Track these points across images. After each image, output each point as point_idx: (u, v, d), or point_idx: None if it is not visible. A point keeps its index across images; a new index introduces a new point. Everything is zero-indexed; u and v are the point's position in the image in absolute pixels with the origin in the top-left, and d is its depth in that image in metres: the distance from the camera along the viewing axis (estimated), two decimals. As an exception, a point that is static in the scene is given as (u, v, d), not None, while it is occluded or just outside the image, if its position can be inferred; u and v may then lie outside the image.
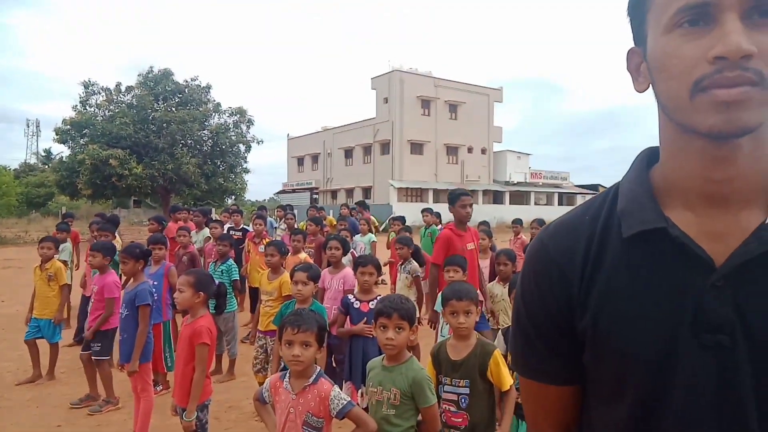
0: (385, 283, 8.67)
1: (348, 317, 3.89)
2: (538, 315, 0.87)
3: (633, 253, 0.78)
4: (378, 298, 3.75)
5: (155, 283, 4.85)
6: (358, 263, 4.00)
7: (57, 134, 23.06)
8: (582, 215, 0.87)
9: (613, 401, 0.80)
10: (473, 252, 4.69)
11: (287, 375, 2.40)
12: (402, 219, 8.82)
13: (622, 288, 0.78)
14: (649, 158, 0.85)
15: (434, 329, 4.51)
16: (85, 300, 6.41)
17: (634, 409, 0.77)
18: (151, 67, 24.70)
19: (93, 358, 4.60)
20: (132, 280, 4.24)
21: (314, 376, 2.35)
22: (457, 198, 4.57)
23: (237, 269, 5.93)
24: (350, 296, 3.94)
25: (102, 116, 23.51)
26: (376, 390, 2.50)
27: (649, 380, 0.75)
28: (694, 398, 0.73)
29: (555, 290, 0.84)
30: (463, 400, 2.63)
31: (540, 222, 6.86)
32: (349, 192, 43.04)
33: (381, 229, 12.07)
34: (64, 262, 6.84)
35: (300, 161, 49.80)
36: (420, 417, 2.48)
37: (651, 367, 0.75)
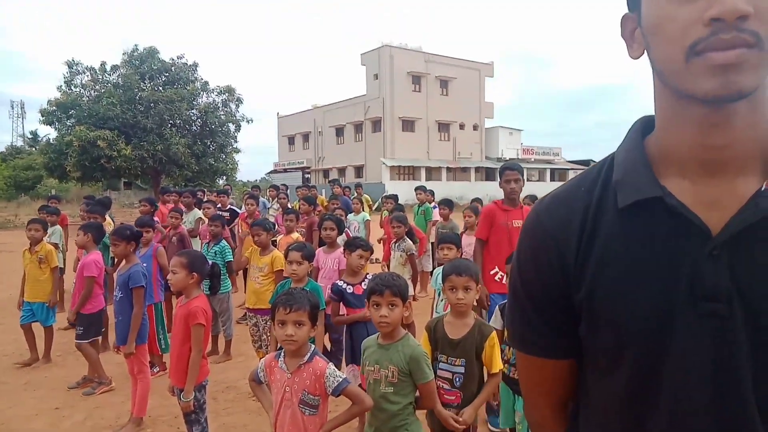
0: (379, 261, 8.70)
1: (342, 303, 3.82)
2: (535, 288, 0.87)
3: (629, 223, 0.78)
4: (368, 276, 3.72)
5: (144, 264, 4.83)
6: (356, 245, 3.85)
7: (43, 116, 22.71)
8: (577, 187, 0.86)
9: (610, 373, 0.80)
10: (518, 230, 4.45)
11: (282, 354, 2.41)
12: (395, 197, 8.81)
13: (618, 258, 0.77)
14: (644, 127, 0.84)
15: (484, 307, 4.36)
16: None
17: (631, 381, 0.77)
18: (135, 46, 24.27)
19: (75, 341, 4.62)
20: (124, 262, 4.22)
21: (309, 354, 2.36)
22: (501, 173, 4.46)
23: (230, 250, 5.92)
24: (340, 282, 3.78)
25: (88, 97, 23.15)
26: (373, 369, 2.50)
27: (646, 351, 0.75)
28: (690, 367, 0.73)
29: (551, 262, 0.83)
30: (457, 379, 2.65)
31: (532, 198, 6.88)
32: (341, 171, 42.86)
33: (374, 207, 12.06)
34: (55, 245, 6.80)
35: (291, 140, 49.43)
36: (418, 393, 2.50)
37: (647, 337, 0.74)
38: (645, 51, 0.76)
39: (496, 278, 4.30)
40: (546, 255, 0.84)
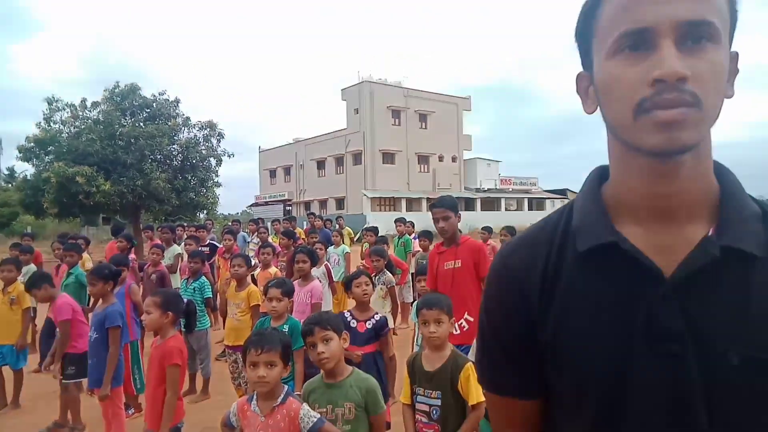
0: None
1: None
2: (501, 330, 0.90)
3: (588, 267, 0.81)
4: (375, 315, 3.67)
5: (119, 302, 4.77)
6: (351, 278, 3.85)
7: (20, 152, 22.41)
8: (539, 232, 0.91)
9: (575, 413, 0.83)
10: (452, 272, 3.86)
11: (254, 397, 2.36)
12: (375, 230, 8.85)
13: (579, 302, 0.81)
14: (600, 175, 0.89)
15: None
16: (49, 323, 6.24)
17: (597, 419, 0.80)
18: (117, 82, 24.25)
19: (63, 381, 4.49)
20: (101, 301, 4.16)
21: (282, 395, 2.32)
22: (431, 211, 4.08)
23: (210, 286, 5.87)
24: (346, 313, 3.75)
25: (67, 133, 22.94)
26: (325, 410, 2.45)
27: (608, 391, 0.78)
28: (651, 406, 0.76)
29: (517, 305, 0.87)
30: (434, 411, 2.65)
31: (509, 229, 6.97)
32: (323, 203, 42.92)
33: (355, 239, 12.10)
34: (29, 285, 6.66)
35: (272, 173, 49.47)
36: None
37: (609, 378, 0.78)
38: (598, 107, 0.81)
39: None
40: (511, 297, 0.88)
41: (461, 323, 3.65)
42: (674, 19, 0.70)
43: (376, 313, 3.73)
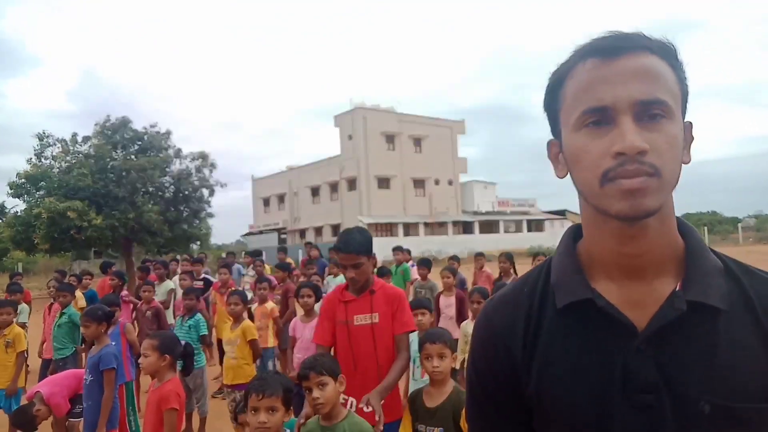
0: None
1: None
2: (489, 384, 0.94)
3: (566, 322, 0.87)
4: None
5: (113, 343, 4.68)
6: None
7: (11, 188, 22.35)
8: (521, 288, 0.96)
9: None
10: (371, 329, 2.92)
11: None
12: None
13: (559, 356, 0.86)
14: (575, 234, 0.95)
15: None
16: (45, 364, 6.11)
17: None
18: (108, 116, 24.37)
19: (70, 419, 4.35)
20: (95, 343, 4.09)
21: None
22: (337, 256, 3.21)
23: (205, 323, 5.78)
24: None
25: (59, 168, 22.94)
26: None
27: None
28: None
29: (501, 360, 0.91)
30: (437, 447, 2.61)
31: (507, 256, 6.95)
32: (318, 230, 42.84)
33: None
34: (23, 325, 6.55)
35: (266, 202, 49.48)
36: None
37: (591, 429, 0.81)
38: (568, 173, 0.87)
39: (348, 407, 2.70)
40: (496, 353, 0.92)
41: (346, 400, 2.76)
42: (630, 99, 0.77)
43: None
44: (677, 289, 0.82)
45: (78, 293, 7.45)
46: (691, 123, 0.85)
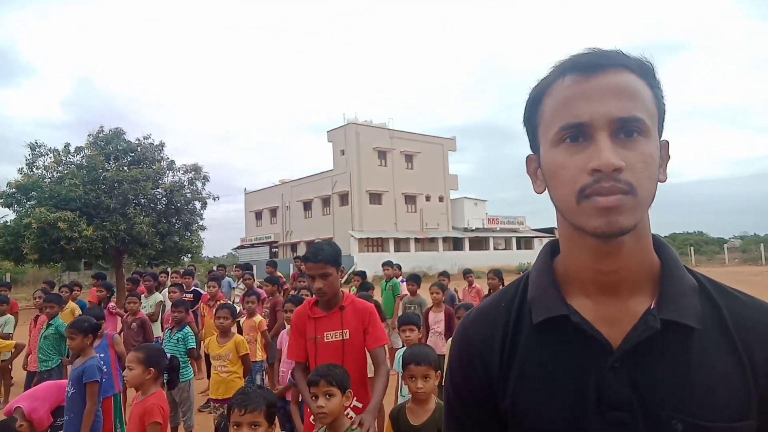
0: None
1: None
2: (466, 398, 0.94)
3: (542, 338, 0.87)
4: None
5: (102, 355, 4.65)
6: None
7: (1, 198, 22.18)
8: (498, 303, 0.96)
9: None
10: (341, 345, 2.89)
11: None
12: (362, 274, 8.81)
13: (534, 371, 0.86)
14: (552, 249, 0.95)
15: None
16: (30, 376, 6.04)
17: None
18: (101, 127, 24.33)
19: None
20: (80, 355, 4.05)
21: None
22: (305, 265, 3.05)
23: (194, 336, 5.75)
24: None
25: (50, 178, 22.82)
26: None
27: None
28: None
29: (478, 375, 0.92)
30: (422, 466, 2.60)
31: (496, 272, 6.97)
32: (310, 244, 42.65)
33: (343, 281, 12.03)
34: (8, 336, 6.48)
35: (258, 215, 49.34)
36: None
37: None
38: (546, 188, 0.87)
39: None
40: (473, 366, 0.93)
41: (348, 413, 2.68)
42: (608, 116, 0.77)
43: None
44: (652, 307, 0.82)
45: (72, 304, 7.39)
46: (667, 142, 0.86)
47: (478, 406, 0.92)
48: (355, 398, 2.74)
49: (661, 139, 0.84)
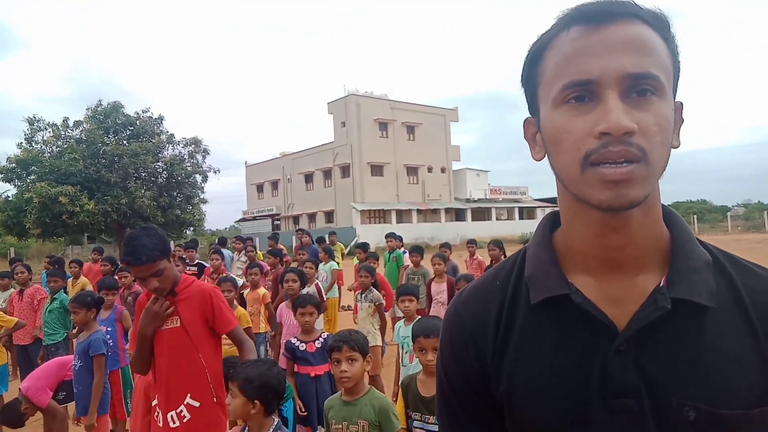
0: (350, 309, 8.62)
1: (295, 362, 3.79)
2: (458, 383, 0.87)
3: (541, 319, 0.80)
4: (323, 335, 3.82)
5: (109, 329, 4.69)
6: (296, 304, 3.90)
7: (2, 173, 22.18)
8: (493, 281, 0.89)
9: None
10: (166, 335, 2.60)
11: (245, 429, 2.36)
12: (365, 246, 8.82)
13: (532, 355, 0.79)
14: (552, 222, 0.87)
15: None
16: (20, 350, 6.06)
17: None
18: (99, 101, 24.15)
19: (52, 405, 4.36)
20: (84, 329, 4.09)
21: (273, 428, 2.32)
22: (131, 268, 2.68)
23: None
24: (293, 339, 3.80)
25: (50, 153, 22.77)
26: (341, 426, 2.53)
27: None
28: None
29: (471, 359, 0.84)
30: (432, 437, 2.63)
31: (497, 243, 6.97)
32: (311, 216, 42.82)
33: (347, 252, 12.10)
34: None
35: (259, 188, 49.31)
36: None
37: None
38: (546, 154, 0.79)
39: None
40: (465, 350, 0.85)
41: (180, 411, 2.52)
42: (619, 71, 0.69)
43: (323, 332, 3.89)
44: (661, 284, 0.75)
45: (83, 279, 7.42)
46: (681, 104, 0.77)
47: (472, 394, 0.86)
48: (189, 395, 2.53)
49: (676, 100, 0.75)
